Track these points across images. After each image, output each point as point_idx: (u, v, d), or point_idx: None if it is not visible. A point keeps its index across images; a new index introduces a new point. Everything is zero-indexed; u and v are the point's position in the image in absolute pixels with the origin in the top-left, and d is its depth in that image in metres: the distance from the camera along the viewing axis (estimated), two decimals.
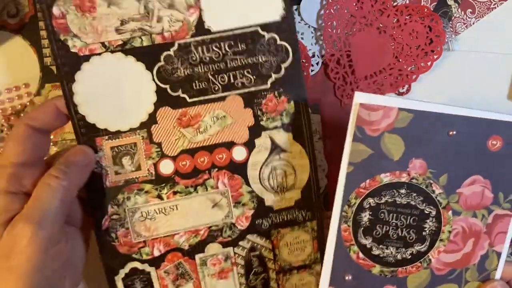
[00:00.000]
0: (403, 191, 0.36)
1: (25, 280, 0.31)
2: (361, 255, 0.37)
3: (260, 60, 0.38)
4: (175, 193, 0.39)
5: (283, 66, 0.39)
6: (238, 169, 0.40)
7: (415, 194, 0.36)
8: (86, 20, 0.36)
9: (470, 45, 0.46)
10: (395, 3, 0.45)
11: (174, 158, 0.39)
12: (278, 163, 0.40)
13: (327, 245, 0.37)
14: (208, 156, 0.39)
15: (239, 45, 0.38)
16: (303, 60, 0.47)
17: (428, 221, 0.36)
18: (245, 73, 0.38)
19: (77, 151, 0.36)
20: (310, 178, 0.41)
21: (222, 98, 0.38)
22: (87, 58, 0.36)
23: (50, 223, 0.32)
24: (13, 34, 0.45)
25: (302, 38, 0.47)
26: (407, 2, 0.46)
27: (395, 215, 0.36)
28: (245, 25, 0.38)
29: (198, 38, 0.37)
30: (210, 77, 0.38)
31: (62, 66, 0.36)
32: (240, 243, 0.41)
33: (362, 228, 0.36)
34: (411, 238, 0.37)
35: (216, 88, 0.38)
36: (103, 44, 0.36)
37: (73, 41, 0.36)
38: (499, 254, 0.37)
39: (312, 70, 0.47)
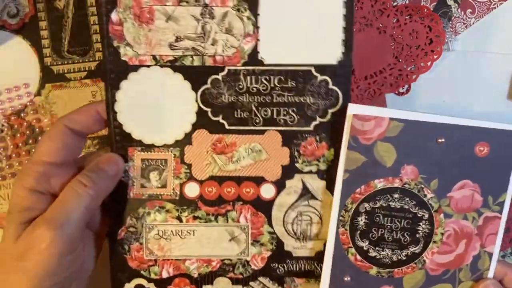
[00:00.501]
0: (396, 195, 0.38)
1: (36, 284, 0.31)
2: (358, 257, 0.39)
3: (308, 101, 0.38)
4: (195, 218, 0.39)
5: (330, 111, 0.38)
6: (263, 207, 0.39)
7: (408, 199, 0.38)
8: (142, 31, 0.36)
9: (470, 45, 0.46)
10: (395, 3, 0.46)
11: (201, 183, 0.39)
12: (305, 209, 0.39)
13: (326, 248, 0.39)
14: (236, 188, 0.39)
15: (289, 81, 0.37)
16: None
17: (421, 224, 0.39)
18: (290, 111, 0.38)
19: (108, 159, 0.36)
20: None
21: (261, 132, 0.38)
22: (135, 68, 0.37)
23: (71, 230, 0.32)
24: (13, 34, 0.46)
25: None
26: (407, 2, 0.46)
27: (389, 218, 0.38)
28: (299, 63, 0.37)
29: (249, 68, 0.37)
30: (253, 108, 0.38)
31: (110, 72, 0.37)
32: (251, 283, 0.40)
33: (358, 232, 0.39)
34: (405, 240, 0.39)
35: (257, 121, 0.38)
36: (154, 57, 0.37)
37: (125, 50, 0.37)
38: (490, 255, 0.39)
39: None
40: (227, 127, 0.38)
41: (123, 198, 0.38)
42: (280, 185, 0.39)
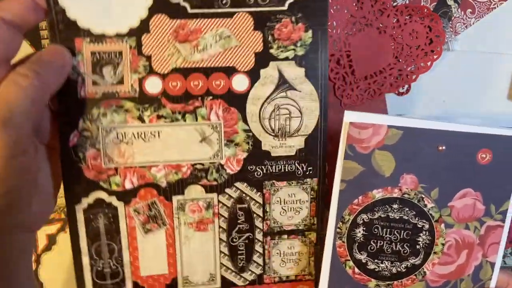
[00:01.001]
0: (395, 206, 0.37)
1: None
2: (356, 270, 0.37)
3: None
4: (159, 117, 0.34)
5: None
6: (236, 101, 0.34)
7: (407, 209, 0.37)
8: None
9: (470, 45, 0.46)
10: (395, 3, 0.45)
11: (163, 76, 0.34)
12: (283, 101, 0.34)
13: (323, 261, 0.37)
14: (204, 80, 0.34)
15: None
16: None
17: (421, 234, 0.37)
18: None
19: (52, 50, 0.31)
20: (318, 126, 0.36)
21: (230, 15, 0.33)
22: None
23: (17, 126, 0.27)
24: None
25: None
26: (407, 2, 0.45)
27: (388, 230, 0.37)
28: None
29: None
30: None
31: None
32: (227, 190, 0.35)
33: (356, 244, 0.37)
34: (405, 251, 0.37)
35: (224, 1, 0.33)
36: None
37: None
38: (492, 264, 0.38)
39: None
40: (189, 10, 0.33)
41: (73, 98, 0.33)
42: (253, 75, 0.34)
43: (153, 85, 0.34)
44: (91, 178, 0.34)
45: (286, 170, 0.36)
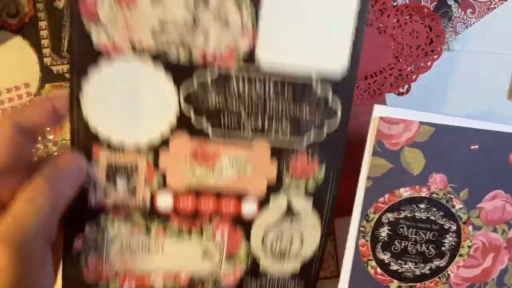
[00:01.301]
0: (422, 206, 0.35)
1: None
2: (379, 270, 0.36)
3: (304, 114, 0.33)
4: (165, 231, 0.34)
5: (327, 128, 0.34)
6: (243, 224, 0.35)
7: (435, 209, 0.35)
8: (120, 14, 0.31)
9: (470, 45, 0.46)
10: (395, 3, 0.45)
11: (176, 194, 0.34)
12: (287, 227, 0.35)
13: (344, 260, 0.36)
14: (214, 202, 0.34)
15: (286, 90, 0.33)
16: None
17: (447, 236, 0.36)
18: (283, 122, 0.33)
19: (69, 159, 0.31)
20: (316, 254, 0.36)
21: (249, 143, 0.34)
22: (109, 56, 0.31)
23: (31, 246, 0.27)
24: (13, 34, 0.45)
25: None
26: (407, 2, 0.45)
27: (414, 230, 0.36)
28: (300, 72, 0.33)
29: (243, 71, 0.32)
30: (243, 115, 0.33)
31: (78, 57, 0.31)
32: None
33: (380, 243, 0.36)
34: (430, 253, 0.36)
35: (246, 130, 0.33)
36: (132, 45, 0.31)
37: (99, 34, 0.31)
38: None
39: None
40: (211, 133, 0.33)
41: (83, 205, 0.33)
42: (263, 202, 0.35)
43: (165, 201, 0.34)
44: (91, 282, 0.34)
45: (280, 286, 0.37)
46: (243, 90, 0.33)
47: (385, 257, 0.36)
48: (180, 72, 0.32)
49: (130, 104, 0.32)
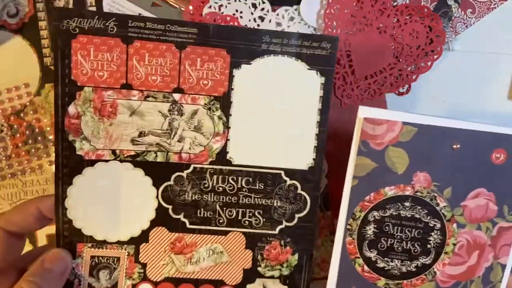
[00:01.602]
0: (407, 204, 0.36)
1: None
2: (366, 268, 0.37)
3: (275, 204, 0.37)
4: None
5: (298, 216, 0.37)
6: None
7: (419, 207, 0.36)
8: (102, 125, 0.35)
9: (470, 45, 0.46)
10: (395, 3, 0.45)
11: (155, 284, 0.36)
12: None
13: (332, 258, 0.37)
14: None
15: (257, 183, 0.36)
16: None
17: (432, 234, 0.37)
18: (256, 213, 0.37)
19: (55, 256, 0.34)
20: None
21: (224, 233, 0.37)
22: (92, 163, 0.35)
23: None
24: (13, 34, 0.45)
25: None
26: (407, 2, 0.45)
27: (399, 228, 0.36)
28: (268, 166, 0.36)
29: (216, 167, 0.36)
30: (218, 208, 0.36)
31: (63, 167, 0.35)
32: None
33: (367, 241, 0.37)
34: (416, 250, 0.37)
35: (221, 221, 0.37)
36: (113, 152, 0.35)
37: (81, 144, 0.35)
38: (503, 266, 0.37)
39: None
40: (188, 226, 0.36)
41: None
42: None
43: None
44: None
45: None
46: (217, 184, 0.36)
47: (372, 254, 0.37)
48: (157, 170, 0.36)
49: (112, 203, 0.36)
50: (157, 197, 0.36)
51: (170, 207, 0.36)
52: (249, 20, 0.46)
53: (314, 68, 0.36)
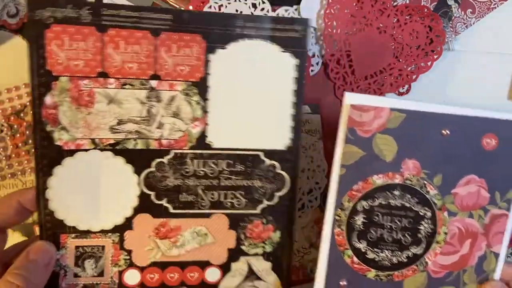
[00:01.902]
0: (396, 192, 0.35)
1: None
2: (355, 259, 0.36)
3: (256, 184, 0.37)
4: None
5: (278, 194, 0.38)
6: None
7: (409, 196, 0.35)
8: (80, 114, 0.34)
9: (470, 45, 0.46)
10: (395, 3, 0.45)
11: (142, 269, 0.37)
12: None
13: (321, 250, 0.36)
14: (179, 273, 0.37)
15: (237, 165, 0.37)
16: None
17: (423, 222, 0.36)
18: (237, 194, 0.37)
19: (39, 248, 0.34)
20: None
21: (208, 215, 0.37)
22: (71, 153, 0.35)
23: None
24: (13, 34, 0.45)
25: None
26: (407, 2, 0.45)
27: (389, 217, 0.35)
28: (248, 148, 0.37)
29: (197, 151, 0.36)
30: (200, 191, 0.37)
31: (41, 158, 0.34)
32: None
33: (356, 232, 0.36)
34: (406, 240, 0.36)
35: (204, 204, 0.37)
36: (93, 140, 0.35)
37: (60, 134, 0.34)
38: (497, 255, 0.36)
39: (312, 70, 0.46)
40: (171, 210, 0.36)
41: None
42: (225, 268, 0.38)
43: (132, 277, 0.37)
44: None
45: None
46: (198, 168, 0.36)
47: (361, 245, 0.36)
48: (138, 157, 0.36)
49: (93, 193, 0.35)
50: (139, 184, 0.36)
51: (152, 193, 0.36)
52: None
53: (287, 51, 0.36)
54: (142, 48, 0.34)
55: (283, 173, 0.37)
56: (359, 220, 0.35)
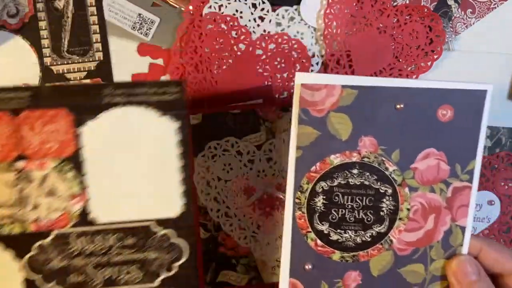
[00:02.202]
0: (355, 171, 0.35)
1: None
2: (319, 242, 0.35)
3: (150, 256, 0.35)
4: None
5: (176, 264, 0.36)
6: None
7: (368, 174, 0.35)
8: None
9: (470, 45, 0.46)
10: (395, 3, 0.45)
11: None
12: None
13: (283, 235, 0.35)
14: None
15: (128, 239, 0.35)
16: (303, 60, 0.46)
17: (384, 200, 0.35)
18: (132, 269, 0.35)
19: None
20: None
21: None
22: None
23: None
24: (13, 34, 0.45)
25: (302, 38, 0.46)
26: (407, 2, 0.45)
27: (350, 197, 0.35)
28: (137, 219, 0.35)
29: (80, 229, 0.35)
30: (90, 270, 0.35)
31: None
32: None
33: (317, 214, 0.35)
34: (369, 219, 0.35)
35: (96, 283, 0.35)
36: None
37: None
38: (463, 229, 0.36)
39: (312, 70, 0.46)
40: None
41: None
42: None
43: None
44: None
45: None
46: (84, 246, 0.35)
47: (324, 227, 0.35)
48: (16, 243, 0.34)
49: None
50: (22, 269, 0.34)
51: (39, 277, 0.35)
52: (249, 20, 0.46)
53: (166, 114, 0.34)
54: (2, 130, 0.33)
55: (180, 240, 0.36)
56: (320, 201, 0.35)
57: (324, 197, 0.35)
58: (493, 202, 0.48)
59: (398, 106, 0.34)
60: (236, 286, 0.46)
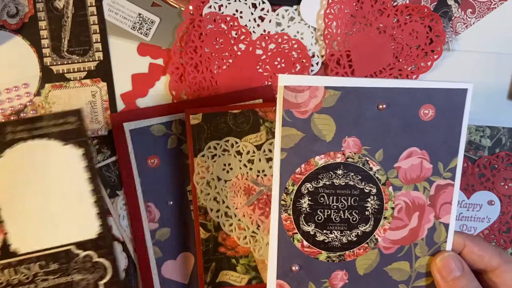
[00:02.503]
0: (339, 172, 0.35)
1: None
2: (305, 243, 0.35)
3: (75, 279, 0.37)
4: None
5: (101, 283, 0.37)
6: None
7: (352, 174, 0.35)
8: None
9: (470, 45, 0.46)
10: (395, 3, 0.45)
11: None
12: None
13: (270, 237, 0.35)
14: None
15: (51, 265, 0.36)
16: (303, 60, 0.46)
17: (369, 199, 0.35)
18: None
19: None
20: None
21: None
22: None
23: None
24: (13, 34, 0.46)
25: (302, 38, 0.46)
26: (407, 2, 0.45)
27: (335, 197, 0.35)
28: (57, 245, 0.37)
29: (3, 261, 0.36)
30: None
31: None
32: None
33: (303, 215, 0.35)
34: (354, 219, 0.35)
35: None
36: None
37: None
38: (446, 226, 0.36)
39: (312, 70, 0.46)
40: None
41: None
42: None
43: None
44: None
45: None
46: (10, 278, 0.36)
47: (310, 228, 0.35)
48: None
49: None
50: None
51: None
52: (249, 20, 0.46)
53: (68, 143, 0.37)
54: None
55: (101, 260, 0.37)
56: (305, 202, 0.35)
57: (310, 198, 0.35)
58: (493, 202, 0.48)
59: (380, 107, 0.34)
60: (236, 286, 0.46)
